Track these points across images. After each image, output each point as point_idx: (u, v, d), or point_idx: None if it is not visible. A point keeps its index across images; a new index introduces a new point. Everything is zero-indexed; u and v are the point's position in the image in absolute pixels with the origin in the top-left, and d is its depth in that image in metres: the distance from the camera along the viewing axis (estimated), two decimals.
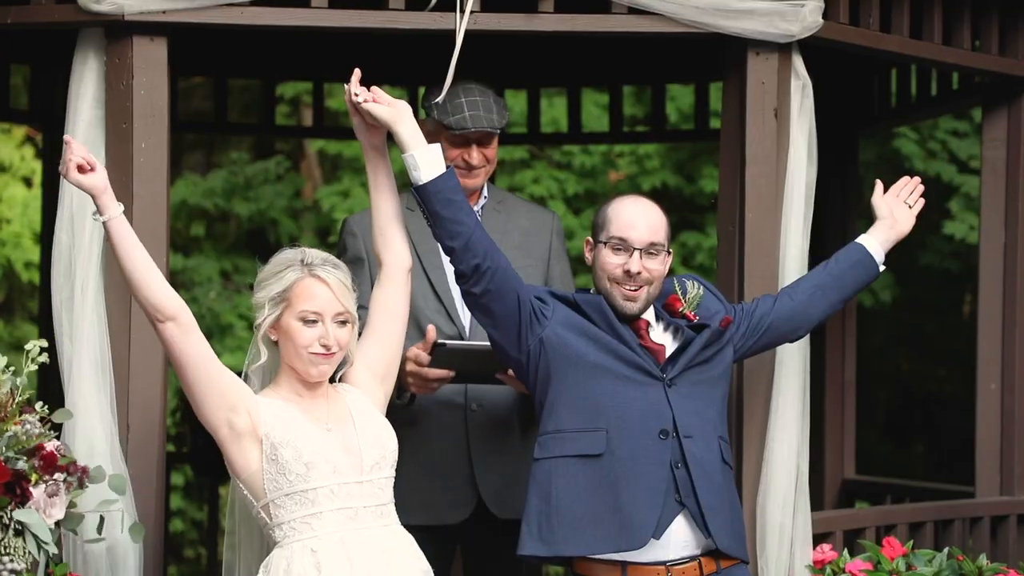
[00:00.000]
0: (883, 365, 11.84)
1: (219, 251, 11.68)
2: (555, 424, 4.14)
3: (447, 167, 4.10)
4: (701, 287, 4.33)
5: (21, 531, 3.87)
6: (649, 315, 4.27)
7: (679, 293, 4.29)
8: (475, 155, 4.60)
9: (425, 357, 4.38)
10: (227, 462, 3.93)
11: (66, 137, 3.94)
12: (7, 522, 3.85)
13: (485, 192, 4.76)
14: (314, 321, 3.90)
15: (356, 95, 4.11)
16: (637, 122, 10.45)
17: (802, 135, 4.87)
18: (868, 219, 4.70)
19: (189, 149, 12.43)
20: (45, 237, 7.45)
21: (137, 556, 4.30)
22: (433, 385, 4.44)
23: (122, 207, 3.88)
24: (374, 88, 4.16)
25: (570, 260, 4.97)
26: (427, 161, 4.07)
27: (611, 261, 4.18)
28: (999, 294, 5.66)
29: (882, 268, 4.57)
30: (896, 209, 4.60)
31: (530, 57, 6.92)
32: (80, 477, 3.97)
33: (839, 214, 6.92)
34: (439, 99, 4.46)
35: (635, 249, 4.16)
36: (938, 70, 6.30)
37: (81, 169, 3.86)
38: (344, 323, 3.93)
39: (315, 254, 3.96)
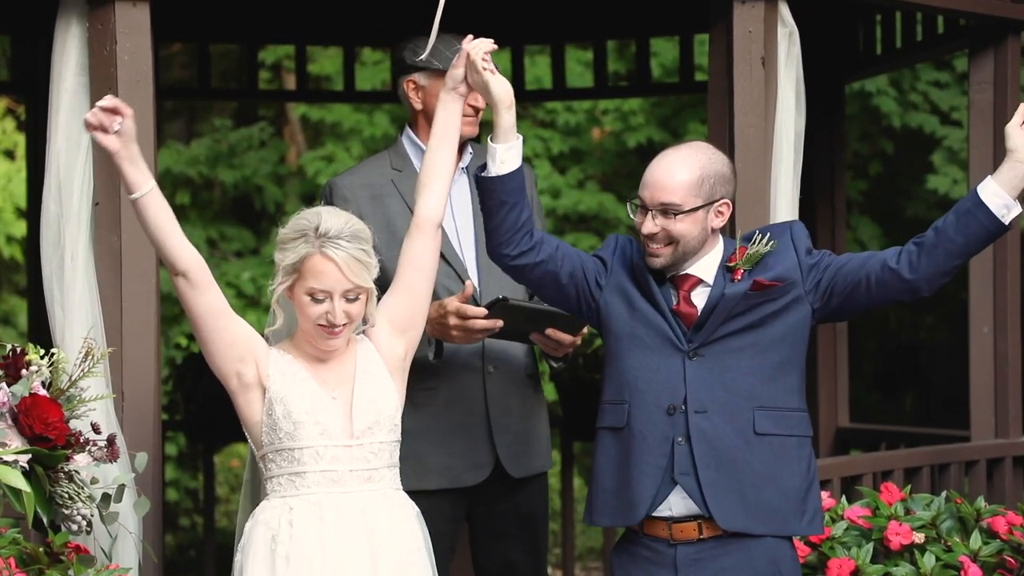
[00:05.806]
0: (870, 316, 11.85)
1: (205, 219, 11.65)
2: (602, 395, 4.11)
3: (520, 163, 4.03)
4: (773, 242, 4.01)
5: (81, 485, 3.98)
6: (706, 271, 4.04)
7: (747, 247, 4.04)
8: (479, 98, 4.54)
9: (473, 310, 4.36)
10: (237, 412, 3.93)
11: (117, 102, 3.83)
12: (68, 472, 3.93)
13: (470, 148, 4.73)
14: (322, 300, 3.85)
15: (487, 55, 4.02)
16: (620, 78, 10.43)
17: (790, 83, 4.86)
18: (856, 169, 4.67)
19: (169, 118, 12.37)
20: (32, 209, 7.40)
21: (137, 524, 4.31)
22: (477, 336, 4.42)
23: (151, 183, 3.83)
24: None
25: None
26: (511, 156, 3.99)
27: (636, 219, 4.05)
28: None
29: (1014, 213, 3.88)
30: None
31: (513, 14, 6.89)
32: (111, 451, 4.02)
33: (827, 163, 6.90)
34: (426, 54, 4.40)
35: (648, 209, 4.00)
36: (923, 14, 6.28)
37: (103, 129, 3.79)
38: (355, 299, 3.87)
39: (331, 223, 3.85)
